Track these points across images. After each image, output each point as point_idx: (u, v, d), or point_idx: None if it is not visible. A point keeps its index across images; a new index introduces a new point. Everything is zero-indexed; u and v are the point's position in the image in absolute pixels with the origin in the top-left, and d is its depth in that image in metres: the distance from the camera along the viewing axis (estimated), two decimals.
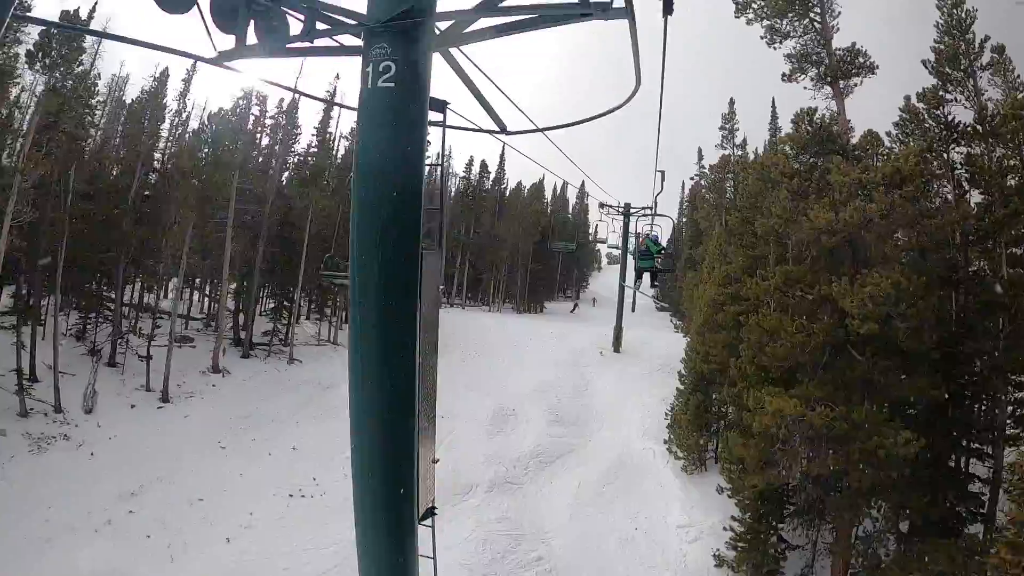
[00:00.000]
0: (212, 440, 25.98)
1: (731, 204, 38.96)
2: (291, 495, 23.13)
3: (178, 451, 24.70)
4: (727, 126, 42.18)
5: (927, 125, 19.03)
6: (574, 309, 62.93)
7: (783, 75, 20.02)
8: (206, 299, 39.28)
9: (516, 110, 7.22)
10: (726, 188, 39.73)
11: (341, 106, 35.44)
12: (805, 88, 19.66)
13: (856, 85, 19.09)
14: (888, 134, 19.73)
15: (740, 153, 41.91)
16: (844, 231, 14.77)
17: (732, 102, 43.07)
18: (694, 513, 22.51)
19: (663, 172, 33.70)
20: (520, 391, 32.16)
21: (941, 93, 18.68)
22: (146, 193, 30.68)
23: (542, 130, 7.53)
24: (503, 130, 6.74)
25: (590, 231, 75.29)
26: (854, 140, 18.54)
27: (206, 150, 32.57)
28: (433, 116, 4.39)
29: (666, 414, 28.87)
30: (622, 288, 42.14)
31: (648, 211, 38.57)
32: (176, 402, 28.24)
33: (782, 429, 13.90)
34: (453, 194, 57.67)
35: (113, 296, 29.58)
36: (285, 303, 32.81)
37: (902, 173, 14.42)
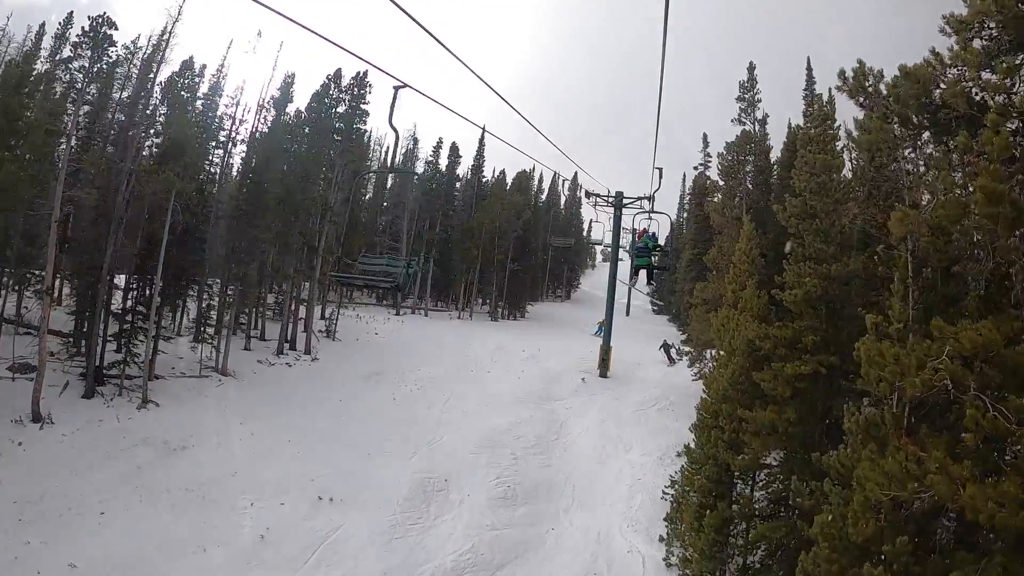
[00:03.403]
0: None
1: (751, 191, 28.52)
2: None
3: None
4: (747, 96, 31.65)
5: None
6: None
7: None
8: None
9: None
10: (747, 172, 29.12)
11: None
12: None
13: None
14: None
15: (760, 131, 31.14)
16: None
17: (752, 67, 32.67)
18: None
19: (661, 169, 25.33)
20: (462, 446, 21.97)
21: None
22: None
23: None
24: None
25: (584, 228, 66.00)
26: None
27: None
28: None
29: (664, 491, 18.74)
30: (611, 300, 31.63)
31: (643, 200, 29.23)
32: None
33: None
34: (416, 181, 47.02)
35: None
36: (138, 321, 22.34)
37: None
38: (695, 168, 45.62)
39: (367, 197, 50.80)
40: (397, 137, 12.52)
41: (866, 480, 7.16)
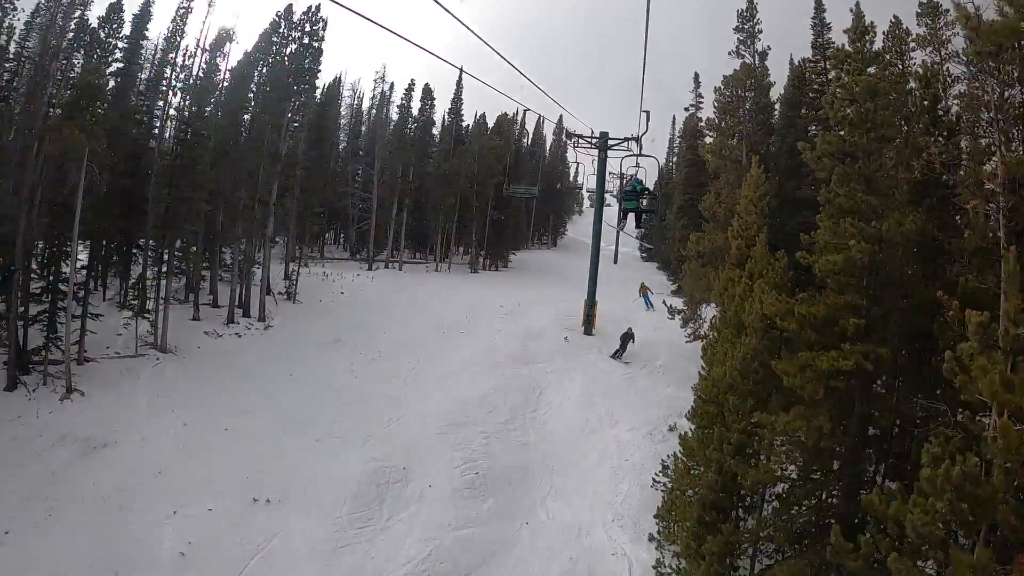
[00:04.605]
0: None
1: (751, 132, 25.18)
2: None
3: None
4: (746, 27, 27.59)
5: None
6: None
7: None
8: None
9: None
10: (747, 111, 25.58)
11: None
12: None
13: None
14: None
15: (761, 65, 27.15)
16: None
17: None
18: None
19: (648, 112, 23.34)
20: (425, 426, 19.19)
21: None
22: None
23: None
24: None
25: (570, 173, 61.70)
26: None
27: None
28: None
29: (654, 478, 16.06)
30: (596, 248, 28.40)
31: (629, 142, 25.80)
32: None
33: None
34: (390, 128, 42.95)
35: None
36: (59, 299, 19.07)
37: None
38: (686, 109, 41.64)
39: (342, 148, 46.84)
40: None
41: None
